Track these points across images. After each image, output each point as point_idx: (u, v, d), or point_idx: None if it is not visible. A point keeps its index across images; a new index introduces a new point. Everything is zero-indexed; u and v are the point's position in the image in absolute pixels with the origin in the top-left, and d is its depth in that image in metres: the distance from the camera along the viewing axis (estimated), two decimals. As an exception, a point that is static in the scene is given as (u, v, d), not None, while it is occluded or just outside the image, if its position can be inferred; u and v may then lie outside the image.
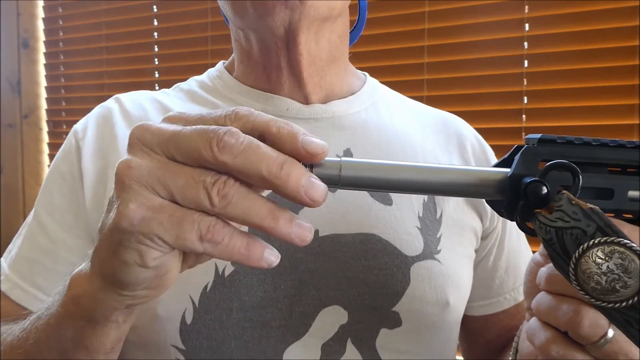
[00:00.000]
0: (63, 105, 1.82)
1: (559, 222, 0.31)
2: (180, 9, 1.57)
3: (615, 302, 0.30)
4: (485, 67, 1.21)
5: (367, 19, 0.69)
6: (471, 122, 1.28)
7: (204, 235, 0.28)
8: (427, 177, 0.32)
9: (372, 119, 0.58)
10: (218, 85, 0.59)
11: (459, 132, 0.63)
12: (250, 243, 0.29)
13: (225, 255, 0.29)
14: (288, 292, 0.49)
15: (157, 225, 0.28)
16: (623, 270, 0.29)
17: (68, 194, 0.54)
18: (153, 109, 0.57)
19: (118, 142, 0.54)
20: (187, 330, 0.48)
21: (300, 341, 0.49)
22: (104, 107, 0.58)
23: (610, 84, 1.10)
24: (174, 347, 0.49)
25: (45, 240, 0.54)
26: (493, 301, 0.61)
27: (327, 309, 0.50)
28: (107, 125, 0.56)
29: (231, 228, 0.29)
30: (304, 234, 0.29)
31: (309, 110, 0.55)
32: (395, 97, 0.65)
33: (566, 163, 0.32)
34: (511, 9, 1.18)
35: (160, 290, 0.32)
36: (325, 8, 0.52)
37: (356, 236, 0.51)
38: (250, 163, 0.27)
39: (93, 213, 0.52)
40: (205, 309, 0.48)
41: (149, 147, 0.29)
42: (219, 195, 0.27)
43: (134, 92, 0.60)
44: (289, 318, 0.49)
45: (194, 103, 0.58)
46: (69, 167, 0.55)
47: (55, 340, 0.37)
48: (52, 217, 0.54)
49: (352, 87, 0.60)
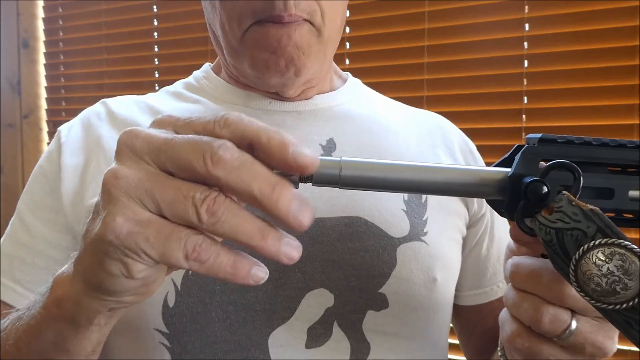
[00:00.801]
0: (63, 105, 1.82)
1: (559, 223, 0.31)
2: (180, 9, 1.57)
3: (615, 303, 0.30)
4: (485, 67, 1.21)
5: (367, 19, 0.69)
6: (471, 122, 1.27)
7: (189, 255, 0.28)
8: (428, 176, 0.32)
9: (354, 109, 0.59)
10: (203, 84, 0.60)
11: (441, 125, 0.64)
12: (237, 261, 0.29)
13: (211, 273, 0.29)
14: (272, 275, 0.49)
15: (143, 241, 0.27)
16: (623, 272, 0.29)
17: (50, 191, 0.55)
18: (139, 109, 0.58)
19: (103, 141, 0.55)
20: (170, 313, 0.48)
21: (286, 325, 0.49)
22: (89, 110, 0.60)
23: (610, 84, 1.10)
24: (157, 330, 0.48)
25: (26, 235, 0.55)
26: (487, 290, 0.61)
27: (313, 292, 0.50)
28: (92, 127, 0.57)
29: (218, 247, 0.29)
30: (292, 254, 0.29)
31: (291, 104, 0.57)
32: (376, 94, 0.67)
33: (567, 163, 0.32)
34: (511, 9, 1.18)
35: (146, 296, 0.32)
36: (318, 66, 0.53)
37: (341, 219, 0.51)
38: (242, 181, 0.27)
39: (69, 208, 0.53)
40: (187, 291, 0.48)
41: (138, 156, 0.28)
42: (208, 212, 0.27)
43: (121, 96, 0.62)
44: (274, 301, 0.49)
45: (180, 100, 0.59)
46: (50, 165, 0.56)
47: (36, 341, 0.37)
48: (33, 213, 0.55)
49: (334, 86, 0.62)
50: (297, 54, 0.50)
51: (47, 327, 0.36)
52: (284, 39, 0.49)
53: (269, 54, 0.50)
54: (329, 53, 0.55)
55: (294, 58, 0.50)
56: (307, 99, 0.58)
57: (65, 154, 0.55)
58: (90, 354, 0.37)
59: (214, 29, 0.56)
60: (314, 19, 0.50)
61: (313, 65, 0.52)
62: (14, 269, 0.54)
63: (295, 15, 0.48)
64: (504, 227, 0.62)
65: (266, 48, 0.50)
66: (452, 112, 1.22)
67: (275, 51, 0.49)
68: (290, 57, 0.50)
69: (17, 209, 0.57)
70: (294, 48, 0.49)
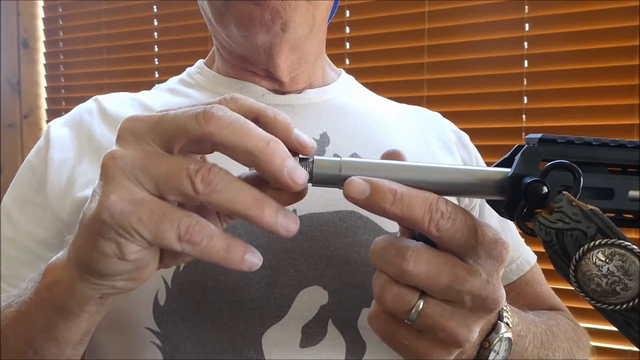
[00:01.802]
0: (63, 105, 1.82)
1: (559, 223, 0.31)
2: (180, 9, 1.57)
3: (615, 304, 0.30)
4: (485, 67, 1.21)
5: (367, 19, 0.69)
6: (471, 122, 1.27)
7: (182, 236, 0.28)
8: (427, 176, 0.32)
9: (347, 103, 0.59)
10: (197, 78, 0.60)
11: (433, 120, 0.64)
12: (231, 245, 0.29)
13: (204, 256, 0.28)
14: (265, 272, 0.48)
15: (137, 220, 0.27)
16: (624, 273, 0.29)
17: (37, 187, 0.54)
18: (131, 106, 0.58)
19: (94, 138, 0.55)
20: (161, 311, 0.47)
21: (280, 323, 0.48)
22: (81, 107, 0.60)
23: (610, 84, 1.10)
24: (149, 329, 0.47)
25: (10, 230, 0.54)
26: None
27: (307, 289, 0.48)
28: (83, 123, 0.57)
29: (212, 229, 0.28)
30: (290, 225, 0.29)
31: (284, 98, 0.57)
32: (369, 91, 0.67)
33: (567, 163, 0.32)
34: (511, 9, 1.18)
35: (138, 282, 0.32)
36: (306, 27, 0.52)
37: (335, 214, 0.50)
38: (237, 136, 0.27)
39: (56, 201, 0.53)
40: (178, 289, 0.47)
41: (138, 136, 0.29)
42: (203, 182, 0.27)
43: (113, 93, 0.61)
44: (267, 299, 0.48)
45: (174, 95, 0.59)
46: (38, 160, 0.56)
47: (24, 327, 0.37)
48: (20, 209, 0.55)
49: (327, 80, 0.62)
50: (283, 6, 0.49)
51: (36, 313, 0.36)
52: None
53: (253, 6, 0.49)
54: (318, 18, 0.54)
55: (279, 10, 0.49)
56: (300, 93, 0.57)
57: (53, 149, 0.55)
58: (77, 343, 0.37)
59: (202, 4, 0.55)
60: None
61: (301, 22, 0.51)
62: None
63: None
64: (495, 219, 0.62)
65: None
66: (452, 112, 1.22)
67: (260, 2, 0.49)
68: (276, 9, 0.49)
69: (2, 204, 0.56)
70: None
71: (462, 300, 0.32)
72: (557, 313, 0.60)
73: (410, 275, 0.31)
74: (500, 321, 0.39)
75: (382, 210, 0.31)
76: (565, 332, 0.54)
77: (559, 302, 0.64)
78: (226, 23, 0.52)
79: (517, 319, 0.43)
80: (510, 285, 0.62)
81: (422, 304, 0.32)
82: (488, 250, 0.32)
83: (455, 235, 0.31)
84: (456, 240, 0.31)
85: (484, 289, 0.32)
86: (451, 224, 0.31)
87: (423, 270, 0.31)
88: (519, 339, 0.43)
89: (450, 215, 0.31)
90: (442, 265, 0.31)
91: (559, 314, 0.60)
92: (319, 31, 0.56)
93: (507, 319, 0.40)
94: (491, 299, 0.32)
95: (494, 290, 0.32)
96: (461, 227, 0.31)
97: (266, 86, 0.57)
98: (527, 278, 0.62)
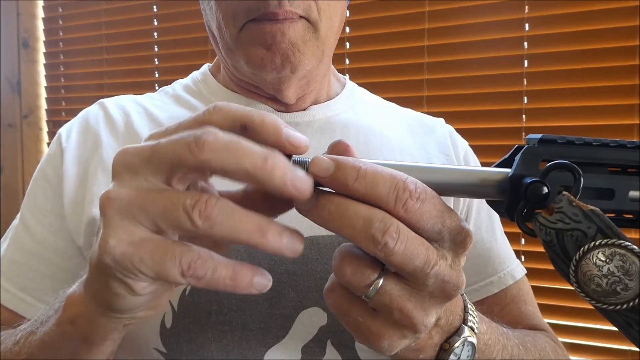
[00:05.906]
0: (63, 105, 1.82)
1: (559, 223, 0.31)
2: (180, 9, 1.57)
3: (616, 304, 0.30)
4: (485, 67, 1.21)
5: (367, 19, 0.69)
6: (471, 122, 1.27)
7: (185, 272, 0.27)
8: (428, 177, 0.32)
9: (350, 120, 0.59)
10: (202, 88, 0.60)
11: (435, 129, 0.64)
12: (237, 271, 0.28)
13: (211, 287, 0.28)
14: (267, 294, 0.48)
15: (138, 261, 0.27)
16: (624, 273, 0.29)
17: (53, 197, 0.55)
18: (136, 113, 0.58)
19: (100, 149, 0.55)
20: (168, 334, 0.49)
21: (281, 343, 0.49)
22: (88, 112, 0.60)
23: (610, 84, 1.10)
24: (156, 350, 0.49)
25: (30, 241, 0.55)
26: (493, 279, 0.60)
27: (307, 310, 0.50)
28: (90, 131, 0.57)
29: (215, 261, 0.28)
30: (295, 246, 0.29)
31: (289, 115, 0.57)
32: (372, 98, 0.66)
33: (567, 163, 0.32)
34: (511, 9, 1.18)
35: (158, 309, 0.33)
36: (315, 61, 0.52)
37: (335, 237, 0.51)
38: (232, 158, 0.27)
39: (70, 218, 0.53)
40: (184, 312, 0.49)
41: (133, 171, 0.28)
42: (202, 217, 0.27)
43: (118, 97, 0.61)
44: (269, 320, 0.50)
45: (178, 105, 0.59)
46: (53, 170, 0.56)
47: (51, 356, 0.38)
48: (37, 219, 0.55)
49: (332, 93, 0.62)
50: (292, 50, 0.50)
51: (61, 344, 0.36)
52: (278, 35, 0.49)
53: (264, 51, 0.50)
54: (327, 50, 0.55)
55: (289, 55, 0.50)
56: (304, 110, 0.58)
57: (67, 161, 0.55)
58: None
59: (211, 30, 0.56)
60: (310, 15, 0.50)
61: (309, 62, 0.51)
62: (19, 276, 0.54)
63: (290, 11, 0.48)
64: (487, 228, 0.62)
65: (261, 44, 0.49)
66: (452, 112, 1.22)
67: (270, 48, 0.49)
68: (286, 54, 0.49)
69: (20, 214, 0.57)
70: (288, 44, 0.49)
71: (425, 283, 0.31)
72: (539, 332, 0.58)
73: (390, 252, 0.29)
74: (464, 324, 0.38)
75: (346, 189, 0.29)
76: (541, 350, 0.52)
77: (543, 322, 0.62)
78: (236, 59, 0.53)
79: (486, 327, 0.41)
80: (494, 299, 0.60)
81: (381, 281, 0.31)
82: (453, 236, 0.31)
83: (424, 217, 0.30)
84: (423, 222, 0.30)
85: (447, 274, 0.31)
86: (420, 205, 0.30)
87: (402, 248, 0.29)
88: (486, 347, 0.41)
89: (420, 196, 0.30)
90: (420, 247, 0.30)
91: (541, 333, 0.58)
92: (329, 55, 0.57)
93: (472, 323, 0.38)
94: (452, 284, 0.31)
95: (457, 275, 0.32)
96: (429, 209, 0.30)
97: (272, 106, 0.57)
98: (512, 294, 0.61)
